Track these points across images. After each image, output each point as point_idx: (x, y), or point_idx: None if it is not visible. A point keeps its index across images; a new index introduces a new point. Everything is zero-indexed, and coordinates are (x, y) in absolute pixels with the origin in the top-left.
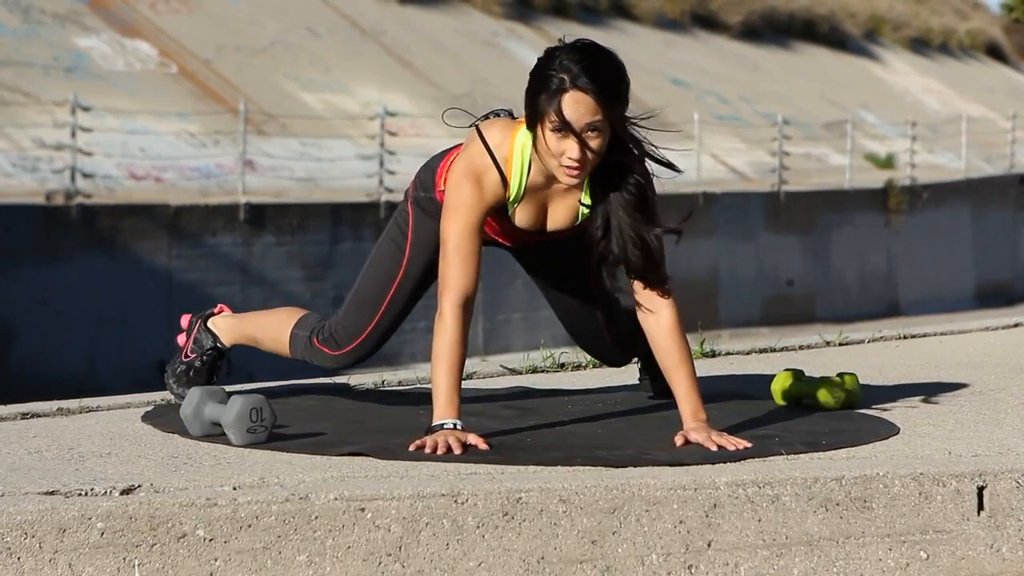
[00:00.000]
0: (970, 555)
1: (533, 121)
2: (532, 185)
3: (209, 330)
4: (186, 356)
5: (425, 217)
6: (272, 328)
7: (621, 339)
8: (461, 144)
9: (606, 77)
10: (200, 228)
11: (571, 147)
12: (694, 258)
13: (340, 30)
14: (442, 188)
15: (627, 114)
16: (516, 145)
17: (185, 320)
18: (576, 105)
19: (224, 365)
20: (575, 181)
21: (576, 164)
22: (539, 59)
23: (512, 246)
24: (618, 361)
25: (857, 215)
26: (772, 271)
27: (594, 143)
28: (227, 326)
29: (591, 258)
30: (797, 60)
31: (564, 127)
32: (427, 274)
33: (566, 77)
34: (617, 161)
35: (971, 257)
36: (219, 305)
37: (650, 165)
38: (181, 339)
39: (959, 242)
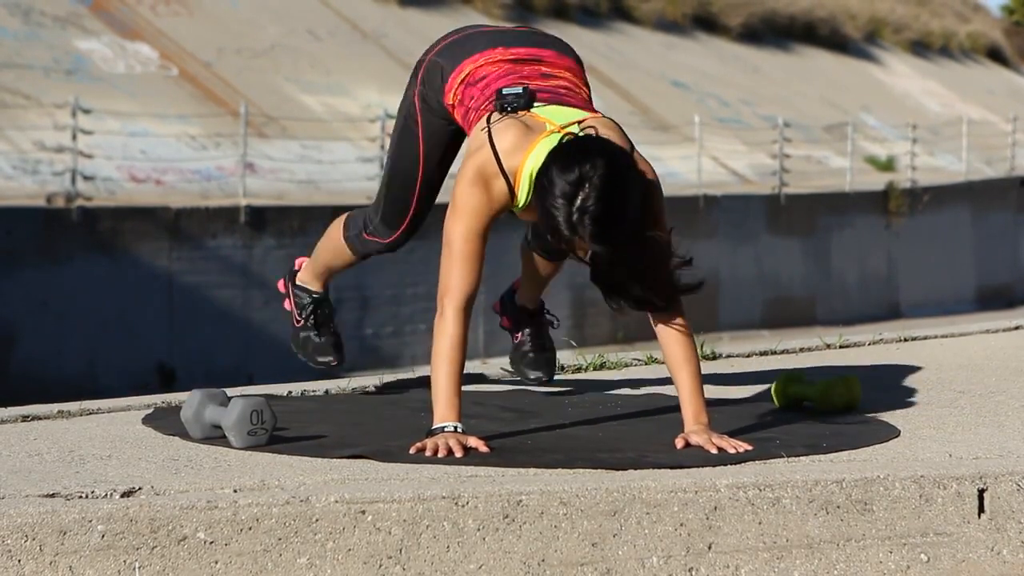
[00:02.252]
0: (971, 558)
1: (544, 224)
2: None
3: (300, 287)
4: (297, 322)
5: (431, 115)
6: (332, 247)
7: None
8: (470, 47)
9: (622, 237)
10: (201, 231)
11: (580, 251)
12: (694, 260)
13: (341, 32)
14: (451, 102)
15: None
16: (526, 166)
17: (281, 285)
18: (587, 247)
19: (328, 308)
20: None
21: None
22: (558, 167)
23: None
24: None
25: (858, 218)
26: (772, 273)
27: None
28: (309, 274)
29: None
30: (798, 63)
31: (570, 251)
32: (445, 159)
33: (581, 231)
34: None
35: (972, 260)
36: (297, 260)
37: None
38: (287, 304)
39: (960, 245)
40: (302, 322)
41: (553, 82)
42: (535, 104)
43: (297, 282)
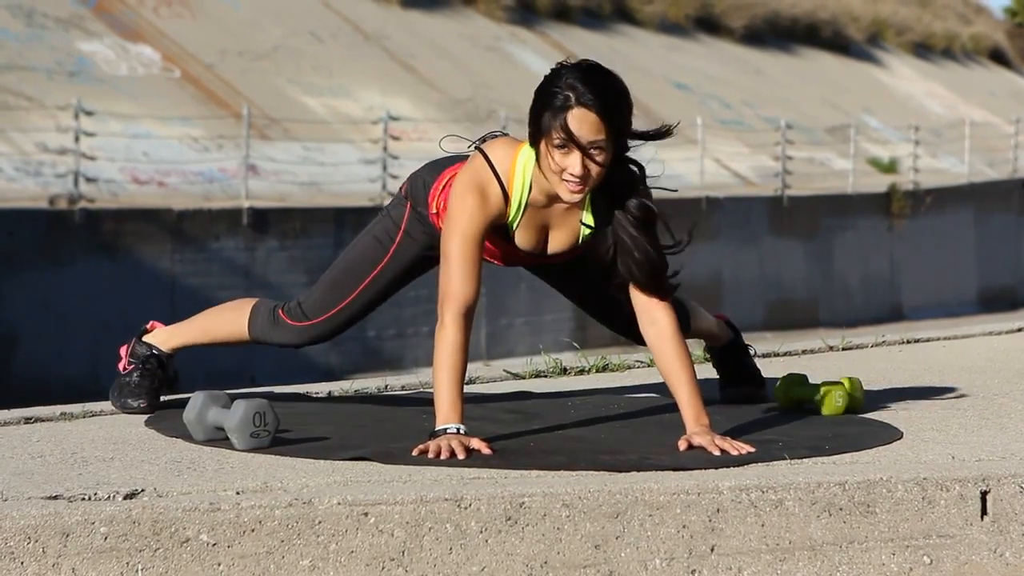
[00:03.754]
0: (973, 560)
1: (537, 138)
2: (533, 203)
3: (145, 343)
4: (124, 368)
5: (418, 224)
6: (226, 311)
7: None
8: (454, 162)
9: (610, 96)
10: (203, 232)
11: (574, 163)
12: (697, 262)
13: (343, 34)
14: (434, 211)
15: (634, 130)
16: (518, 163)
17: (122, 350)
18: (580, 122)
19: (165, 371)
20: (577, 197)
21: (579, 179)
22: (544, 77)
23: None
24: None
25: (860, 220)
26: (775, 275)
27: (597, 159)
28: (166, 335)
29: (599, 272)
30: (800, 64)
31: (568, 143)
32: (405, 275)
33: (571, 95)
34: (619, 181)
35: (974, 261)
36: (151, 323)
37: (650, 179)
38: (121, 365)
39: (962, 247)
40: (129, 368)
41: None
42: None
43: (144, 339)
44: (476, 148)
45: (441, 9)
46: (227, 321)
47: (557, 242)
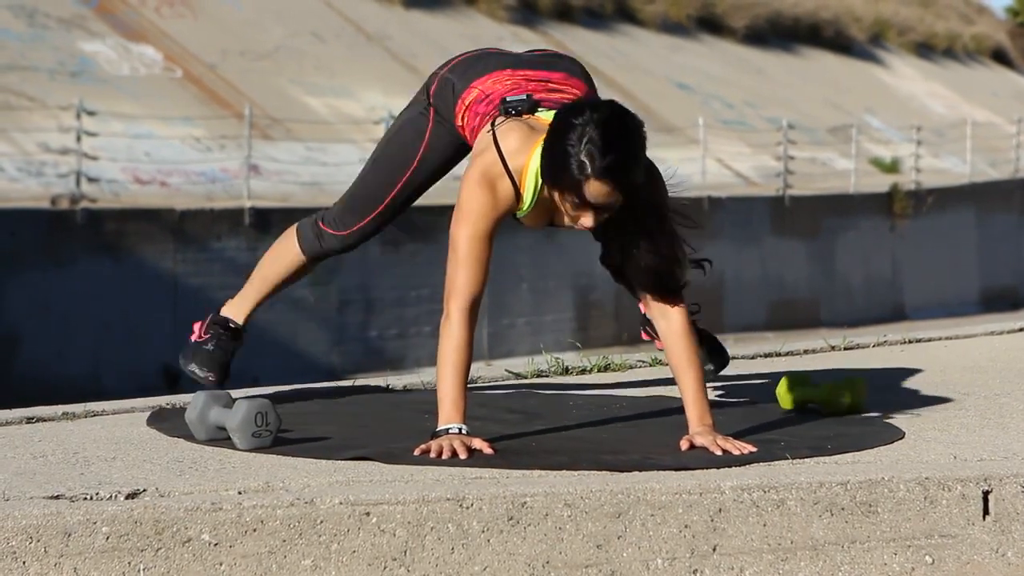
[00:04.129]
0: (975, 560)
1: (551, 185)
2: (545, 198)
3: (220, 315)
4: (199, 337)
5: (442, 125)
6: (277, 255)
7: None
8: (480, 64)
9: (628, 161)
10: (205, 232)
11: (586, 218)
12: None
13: (345, 35)
14: (460, 123)
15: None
16: (532, 163)
17: (196, 325)
18: (596, 191)
19: (236, 342)
20: (588, 228)
21: (590, 227)
22: (560, 121)
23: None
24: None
25: (862, 219)
26: (777, 275)
27: (608, 213)
28: (235, 305)
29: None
30: (802, 65)
31: (582, 207)
32: (435, 174)
33: (587, 163)
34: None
35: (976, 261)
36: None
37: (664, 171)
38: (194, 336)
39: (964, 246)
40: (203, 337)
41: (558, 95)
42: (539, 109)
43: (219, 313)
44: (491, 133)
45: (443, 9)
46: (280, 257)
47: (566, 222)
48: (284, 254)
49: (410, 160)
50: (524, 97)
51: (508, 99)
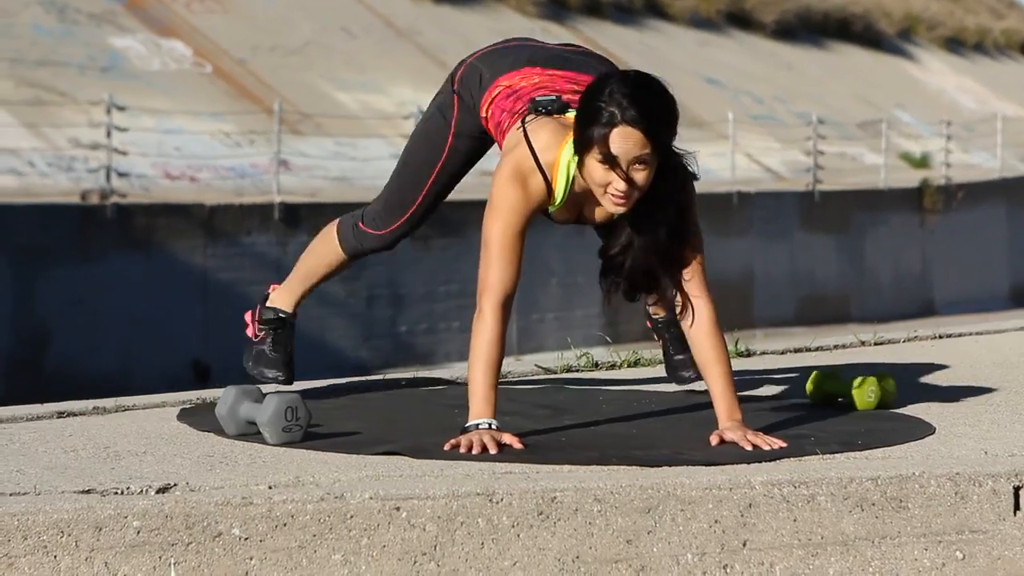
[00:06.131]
0: (1006, 555)
1: (581, 148)
2: (576, 193)
3: (269, 306)
4: (255, 336)
5: (468, 114)
6: (320, 250)
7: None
8: (510, 58)
9: (656, 111)
10: (235, 228)
11: (617, 179)
12: (728, 257)
13: (375, 30)
14: (484, 115)
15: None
16: (563, 156)
17: (248, 316)
18: (625, 140)
19: (289, 331)
20: (621, 210)
21: (621, 195)
22: (589, 87)
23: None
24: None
25: (892, 215)
26: (806, 271)
27: (640, 175)
28: (283, 294)
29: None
30: (832, 59)
31: (611, 160)
32: (465, 164)
33: (616, 111)
34: (660, 190)
35: (1006, 257)
36: (271, 286)
37: (692, 168)
38: (249, 330)
39: (994, 242)
40: (259, 336)
41: None
42: (568, 110)
43: (267, 303)
44: (522, 129)
45: (473, 4)
46: (322, 253)
47: (594, 217)
48: (326, 251)
49: (439, 153)
50: (554, 98)
51: (538, 99)
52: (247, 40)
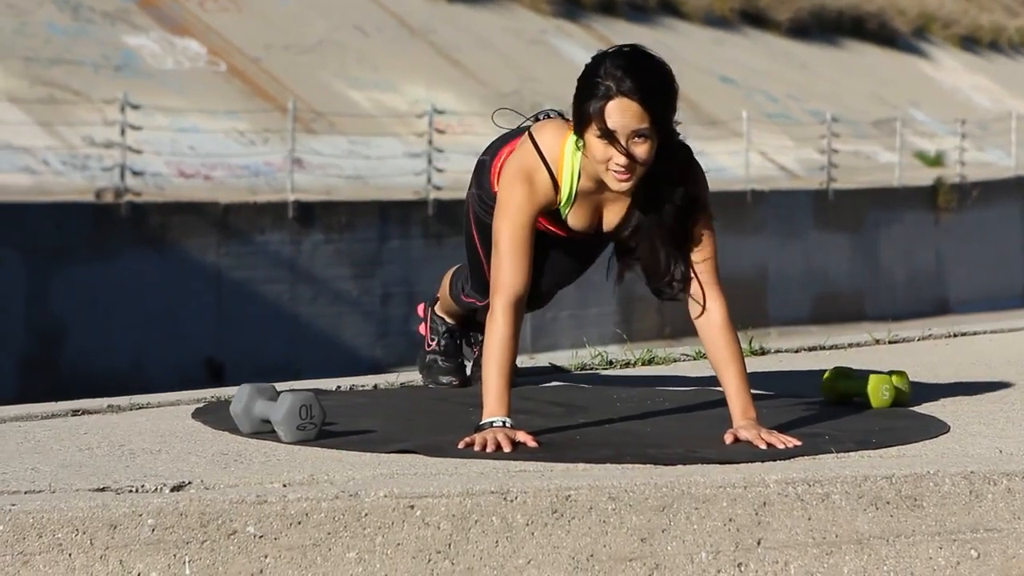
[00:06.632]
0: (1021, 554)
1: (580, 127)
2: (583, 189)
3: (438, 315)
4: (428, 346)
5: (485, 217)
6: (444, 295)
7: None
8: (511, 138)
9: (653, 83)
10: (249, 226)
11: (617, 154)
12: (742, 256)
13: (388, 28)
14: (495, 190)
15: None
16: (567, 149)
17: (420, 310)
18: (622, 112)
19: (458, 339)
20: (625, 187)
21: (624, 168)
22: (586, 65)
23: (566, 237)
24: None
25: (906, 213)
26: (821, 269)
27: (640, 149)
28: (443, 308)
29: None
30: (846, 57)
31: (609, 135)
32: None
33: (612, 84)
34: (666, 169)
35: (1021, 255)
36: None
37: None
38: (422, 328)
39: (1009, 240)
40: (432, 346)
41: None
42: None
43: (436, 311)
44: (526, 131)
45: (486, 3)
46: (449, 302)
47: (611, 222)
48: (449, 302)
49: (477, 253)
50: (552, 112)
51: (538, 113)
52: (261, 39)
